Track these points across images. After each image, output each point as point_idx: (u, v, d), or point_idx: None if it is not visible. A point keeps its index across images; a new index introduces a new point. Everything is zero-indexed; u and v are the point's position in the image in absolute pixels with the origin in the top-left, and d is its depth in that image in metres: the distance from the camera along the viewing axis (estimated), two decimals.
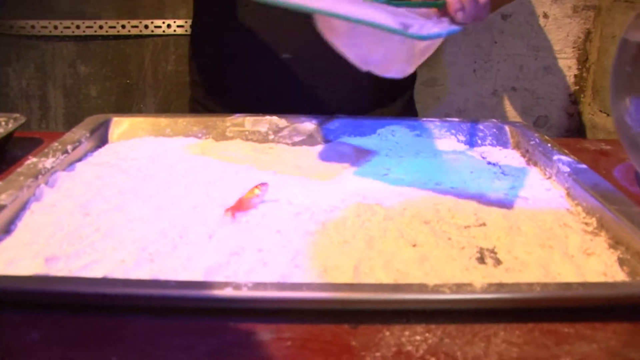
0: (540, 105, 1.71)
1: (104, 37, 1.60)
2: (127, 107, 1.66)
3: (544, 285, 0.45)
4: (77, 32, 1.59)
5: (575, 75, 1.69)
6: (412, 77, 1.15)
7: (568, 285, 0.46)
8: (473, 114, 1.72)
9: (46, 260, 0.49)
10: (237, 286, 0.43)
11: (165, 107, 1.66)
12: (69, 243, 0.53)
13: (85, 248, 0.52)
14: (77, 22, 1.58)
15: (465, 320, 0.45)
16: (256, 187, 0.61)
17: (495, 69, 1.68)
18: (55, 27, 1.58)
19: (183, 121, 0.84)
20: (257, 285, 0.43)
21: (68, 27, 1.58)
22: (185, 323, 0.44)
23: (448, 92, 1.70)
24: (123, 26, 1.59)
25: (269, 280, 0.47)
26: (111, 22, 1.58)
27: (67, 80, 1.64)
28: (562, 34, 1.65)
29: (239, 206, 0.58)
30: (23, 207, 0.59)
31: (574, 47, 1.66)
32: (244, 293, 0.42)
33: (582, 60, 1.68)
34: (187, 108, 1.06)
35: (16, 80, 1.63)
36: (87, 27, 1.58)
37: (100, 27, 1.59)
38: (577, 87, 1.70)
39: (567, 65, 1.68)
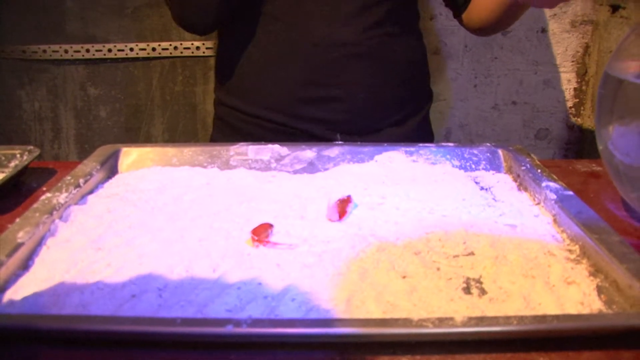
0: (540, 119, 1.74)
1: (113, 60, 1.65)
2: (136, 128, 1.70)
3: (520, 318, 0.48)
4: (87, 56, 1.63)
5: (575, 89, 1.72)
6: (428, 98, 1.18)
7: (543, 317, 0.49)
8: (474, 128, 1.75)
9: (62, 297, 0.53)
10: (237, 323, 0.47)
11: (173, 127, 1.71)
12: (83, 279, 0.57)
13: (98, 284, 0.56)
14: (86, 45, 1.63)
15: (448, 351, 0.48)
16: (265, 227, 0.65)
17: (495, 83, 1.71)
18: (66, 51, 1.63)
19: (189, 151, 0.88)
20: (255, 322, 0.47)
21: (78, 51, 1.63)
22: (190, 356, 0.48)
23: (450, 107, 1.73)
24: (131, 49, 1.64)
25: (267, 314, 0.51)
26: (120, 45, 1.63)
27: (77, 102, 1.69)
28: (561, 49, 1.68)
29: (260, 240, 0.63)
30: (39, 243, 0.63)
31: (573, 61, 1.69)
32: (243, 330, 0.46)
33: (582, 74, 1.71)
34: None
35: (29, 103, 1.68)
36: (96, 50, 1.63)
37: (109, 50, 1.63)
38: (577, 100, 1.73)
39: (567, 78, 1.71)
